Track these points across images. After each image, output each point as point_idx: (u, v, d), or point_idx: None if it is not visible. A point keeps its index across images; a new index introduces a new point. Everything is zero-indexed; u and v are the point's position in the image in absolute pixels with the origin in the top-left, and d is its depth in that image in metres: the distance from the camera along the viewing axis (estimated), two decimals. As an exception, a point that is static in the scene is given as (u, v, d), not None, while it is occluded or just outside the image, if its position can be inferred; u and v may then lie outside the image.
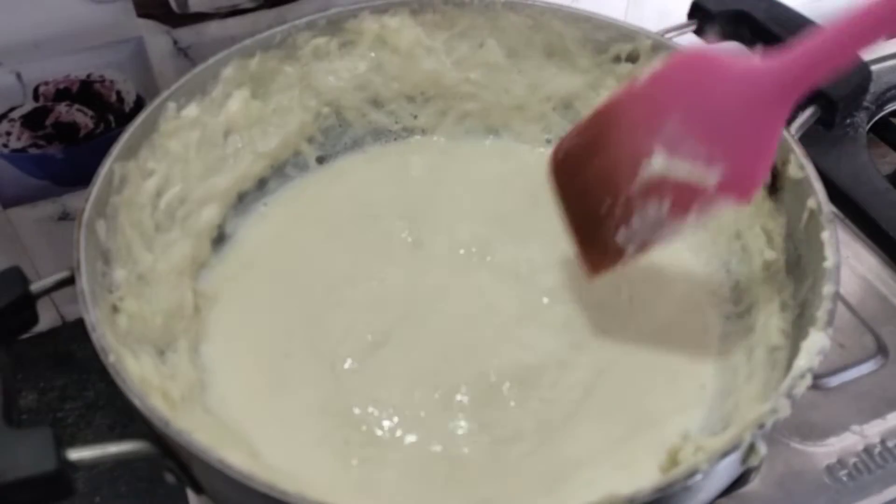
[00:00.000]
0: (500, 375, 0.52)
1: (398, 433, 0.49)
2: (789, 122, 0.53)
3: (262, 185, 0.63)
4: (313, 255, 0.59)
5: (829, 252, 0.46)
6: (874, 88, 0.72)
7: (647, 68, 0.49)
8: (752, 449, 0.40)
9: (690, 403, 0.51)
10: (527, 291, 0.57)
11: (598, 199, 0.50)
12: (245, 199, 0.62)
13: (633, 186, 0.48)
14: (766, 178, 0.50)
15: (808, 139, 0.53)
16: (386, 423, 0.50)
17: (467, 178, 0.65)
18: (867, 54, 0.48)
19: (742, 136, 0.46)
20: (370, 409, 0.50)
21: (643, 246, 0.50)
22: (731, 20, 0.61)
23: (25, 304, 0.45)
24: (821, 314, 0.44)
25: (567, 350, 0.53)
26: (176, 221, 0.56)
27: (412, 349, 0.53)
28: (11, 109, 0.61)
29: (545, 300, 0.56)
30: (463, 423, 0.50)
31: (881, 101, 0.76)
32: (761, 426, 0.39)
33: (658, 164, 0.47)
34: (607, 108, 0.51)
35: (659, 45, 0.60)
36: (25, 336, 0.46)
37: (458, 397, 0.51)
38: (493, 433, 0.49)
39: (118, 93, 0.63)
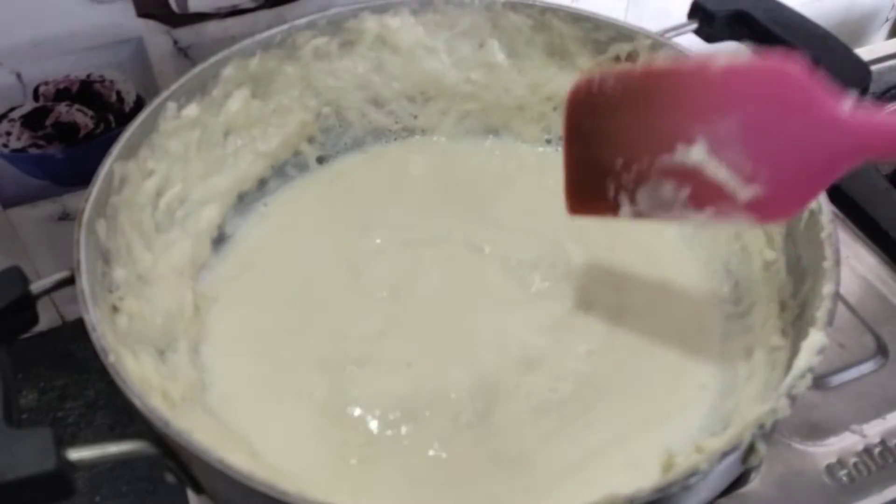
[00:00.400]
0: (499, 375, 0.52)
1: (397, 433, 0.49)
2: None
3: (262, 185, 0.63)
4: (313, 256, 0.59)
5: (829, 252, 0.46)
6: (874, 88, 0.72)
7: (731, 57, 0.43)
8: (752, 449, 0.40)
9: (690, 403, 0.51)
10: (527, 291, 0.57)
11: (612, 153, 0.47)
12: (245, 199, 0.62)
13: (656, 162, 0.44)
14: (792, 216, 0.48)
15: (808, 139, 0.53)
16: (385, 423, 0.50)
17: (468, 178, 0.65)
18: (867, 55, 0.48)
19: (796, 173, 0.42)
20: (369, 409, 0.50)
21: (637, 215, 0.47)
22: (731, 20, 0.61)
23: (25, 304, 0.45)
24: (821, 314, 0.44)
25: (567, 350, 0.53)
26: (176, 221, 0.56)
27: (412, 349, 0.53)
28: (11, 109, 0.61)
29: (545, 300, 0.56)
30: (462, 424, 0.50)
31: (881, 101, 0.76)
32: (761, 426, 0.39)
33: (695, 155, 0.43)
34: (668, 72, 0.46)
35: (659, 45, 0.60)
36: (25, 336, 0.46)
37: (458, 397, 0.51)
38: (493, 433, 0.49)
39: (118, 93, 0.63)
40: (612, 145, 0.46)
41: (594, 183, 0.48)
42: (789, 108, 0.41)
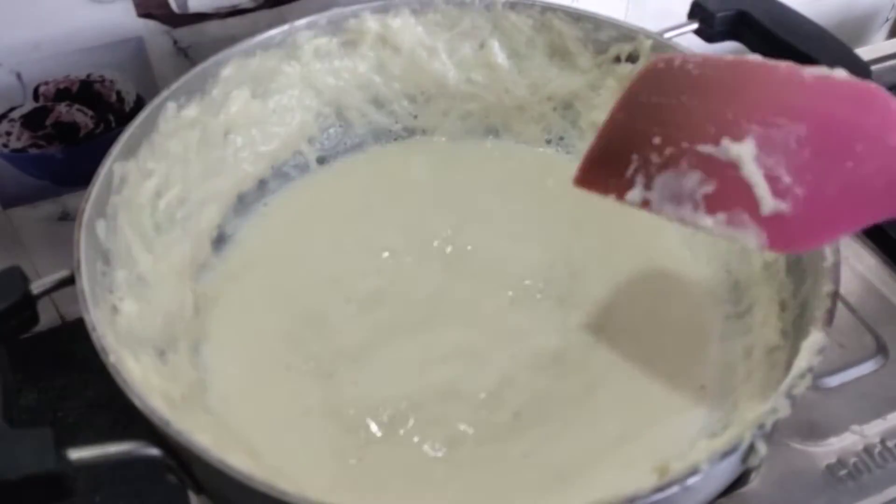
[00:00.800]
0: (499, 375, 0.52)
1: (397, 433, 0.49)
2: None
3: (262, 185, 0.63)
4: (313, 256, 0.59)
5: (829, 252, 0.46)
6: (874, 88, 0.72)
7: (829, 70, 0.41)
8: (752, 449, 0.40)
9: (690, 403, 0.51)
10: (526, 291, 0.57)
11: (655, 128, 0.44)
12: (245, 199, 0.62)
13: (695, 148, 0.41)
14: (801, 250, 0.45)
15: (808, 139, 0.53)
16: (384, 423, 0.50)
17: (468, 179, 0.65)
18: (867, 55, 0.47)
19: (833, 202, 0.39)
20: (369, 409, 0.50)
21: (643, 203, 0.43)
22: (731, 20, 0.61)
23: (26, 304, 0.45)
24: (820, 314, 0.44)
25: (566, 350, 0.53)
26: (176, 222, 0.56)
27: (411, 349, 0.53)
28: (11, 109, 0.61)
29: (545, 300, 0.56)
30: (462, 423, 0.50)
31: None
32: (761, 426, 0.39)
33: (739, 152, 0.40)
34: (757, 66, 0.43)
35: (659, 45, 0.60)
36: (25, 336, 0.46)
37: (458, 398, 0.51)
38: (493, 433, 0.49)
39: (118, 93, 0.63)
40: (658, 121, 0.44)
41: (620, 154, 0.45)
42: (864, 132, 0.38)
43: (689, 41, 0.61)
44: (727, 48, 0.62)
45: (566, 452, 0.48)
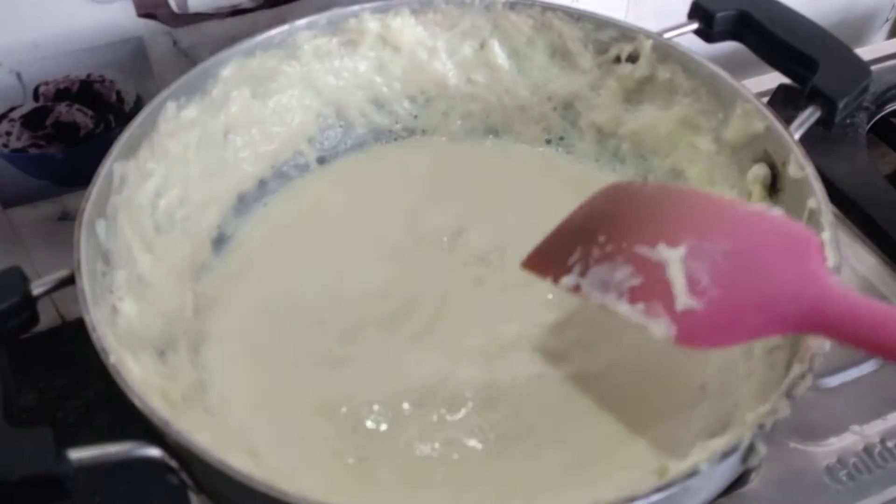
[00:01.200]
0: (499, 375, 0.52)
1: (397, 432, 0.49)
2: (789, 121, 0.54)
3: (262, 185, 0.63)
4: (313, 256, 0.59)
5: (829, 252, 0.46)
6: (874, 88, 0.72)
7: (768, 208, 0.48)
8: (752, 449, 0.40)
9: (690, 403, 0.50)
10: (526, 290, 0.57)
11: (602, 229, 0.48)
12: (245, 199, 0.62)
13: (633, 248, 0.46)
14: (701, 348, 0.47)
15: (808, 139, 0.53)
16: (385, 423, 0.50)
17: (468, 179, 0.65)
18: (867, 55, 0.47)
19: (742, 309, 0.42)
20: (369, 408, 0.50)
21: (574, 288, 0.47)
22: (731, 20, 0.61)
23: (25, 305, 0.45)
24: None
25: (567, 350, 0.53)
26: (176, 222, 0.56)
27: (412, 348, 0.53)
28: (11, 109, 0.61)
29: (545, 301, 0.56)
30: (462, 423, 0.50)
31: (881, 101, 0.76)
32: (761, 427, 0.39)
33: (669, 255, 0.44)
34: (699, 195, 0.52)
35: (659, 45, 0.60)
36: (25, 336, 0.46)
37: (458, 397, 0.51)
38: (493, 433, 0.49)
39: (118, 93, 0.63)
40: (608, 224, 0.48)
41: (566, 245, 0.49)
42: (782, 259, 0.42)
43: (689, 41, 0.61)
44: (727, 48, 0.62)
45: (566, 452, 0.48)
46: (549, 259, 0.50)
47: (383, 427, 0.50)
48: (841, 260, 0.46)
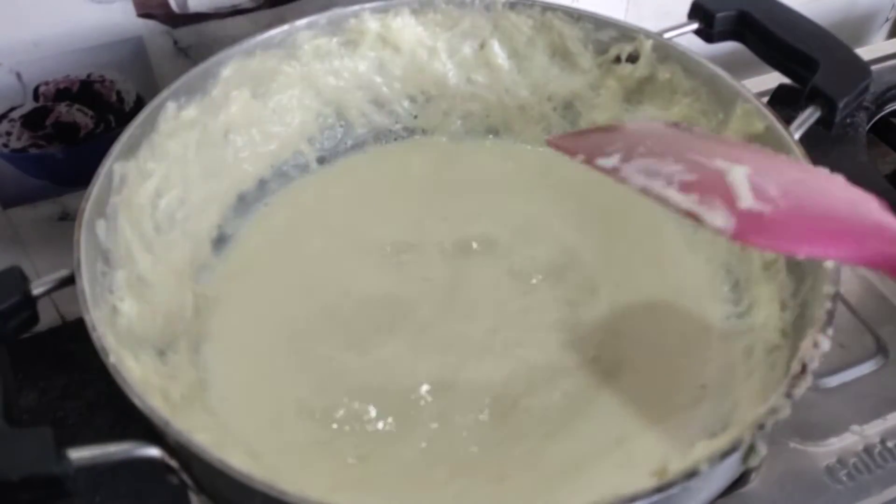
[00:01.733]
0: (499, 375, 0.52)
1: (398, 432, 0.49)
2: (789, 122, 0.54)
3: (262, 185, 0.63)
4: (314, 256, 0.59)
5: (829, 252, 0.46)
6: (874, 88, 0.72)
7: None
8: (752, 449, 0.40)
9: (690, 404, 0.50)
10: (526, 291, 0.57)
11: (644, 140, 0.44)
12: (245, 199, 0.62)
13: (683, 153, 0.42)
14: (764, 246, 0.44)
15: (808, 139, 0.53)
16: (385, 422, 0.50)
17: (468, 179, 0.65)
18: (867, 55, 0.47)
19: (812, 223, 0.39)
20: (369, 408, 0.50)
21: (613, 170, 0.42)
22: (731, 20, 0.61)
23: (25, 305, 0.45)
24: (821, 314, 0.44)
25: (567, 349, 0.53)
26: (176, 222, 0.56)
27: (412, 348, 0.53)
28: (11, 109, 0.61)
29: (546, 300, 0.56)
30: (463, 423, 0.50)
31: (881, 101, 0.76)
32: (761, 426, 0.39)
33: (729, 168, 0.40)
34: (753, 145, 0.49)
35: (659, 45, 0.60)
36: (25, 336, 0.46)
37: (459, 397, 0.51)
38: (493, 433, 0.49)
39: (118, 93, 0.63)
40: (654, 138, 0.44)
41: (604, 139, 0.45)
42: (860, 200, 0.40)
43: (690, 41, 0.61)
44: (727, 48, 0.62)
45: (566, 452, 0.48)
46: (582, 141, 0.46)
47: (385, 427, 0.50)
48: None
